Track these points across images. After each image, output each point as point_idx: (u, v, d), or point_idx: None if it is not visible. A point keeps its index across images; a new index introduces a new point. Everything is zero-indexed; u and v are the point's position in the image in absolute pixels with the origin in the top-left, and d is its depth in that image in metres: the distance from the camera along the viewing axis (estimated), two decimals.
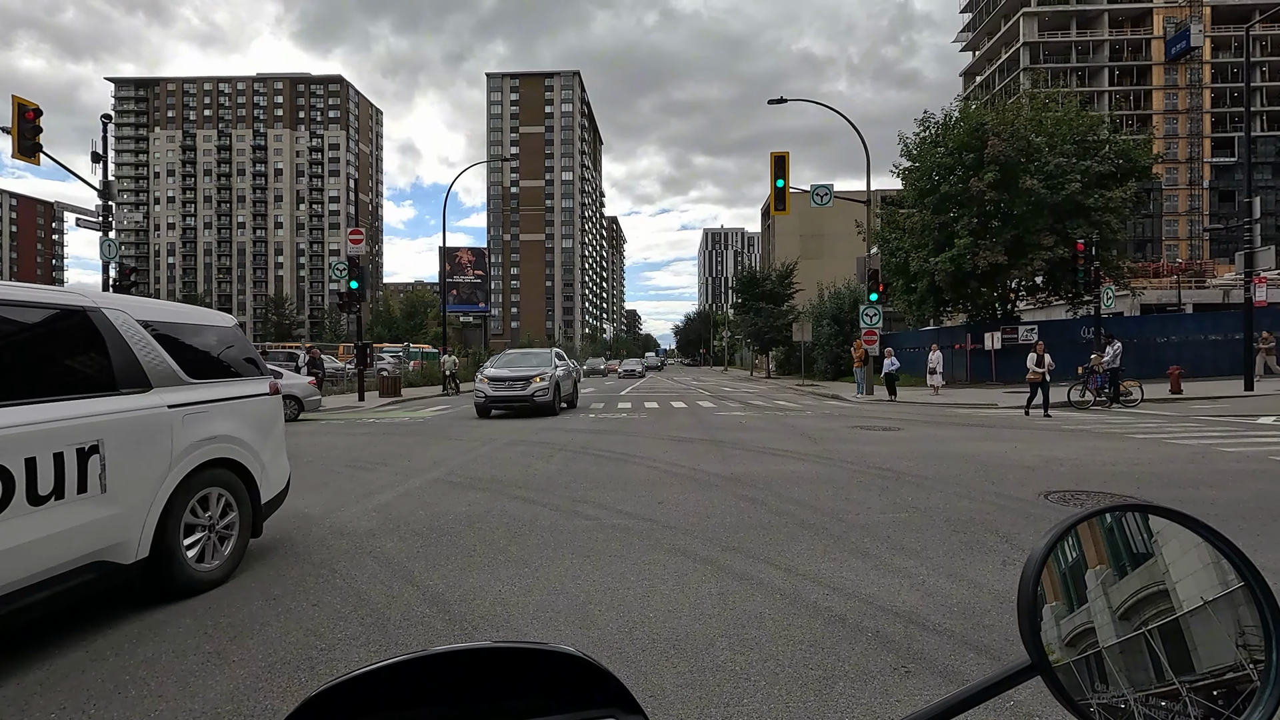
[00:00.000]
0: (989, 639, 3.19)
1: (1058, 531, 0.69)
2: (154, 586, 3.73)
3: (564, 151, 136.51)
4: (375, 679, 0.53)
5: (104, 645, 3.21)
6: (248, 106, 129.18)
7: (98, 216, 17.30)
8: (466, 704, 0.55)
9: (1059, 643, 0.65)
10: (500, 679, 0.57)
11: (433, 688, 0.55)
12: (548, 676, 0.58)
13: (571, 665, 0.58)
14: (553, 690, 0.57)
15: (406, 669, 0.54)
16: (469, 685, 0.56)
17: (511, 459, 9.06)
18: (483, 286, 62.22)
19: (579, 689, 0.57)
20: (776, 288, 45.62)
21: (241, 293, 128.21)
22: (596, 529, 5.32)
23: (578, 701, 0.56)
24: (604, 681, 0.58)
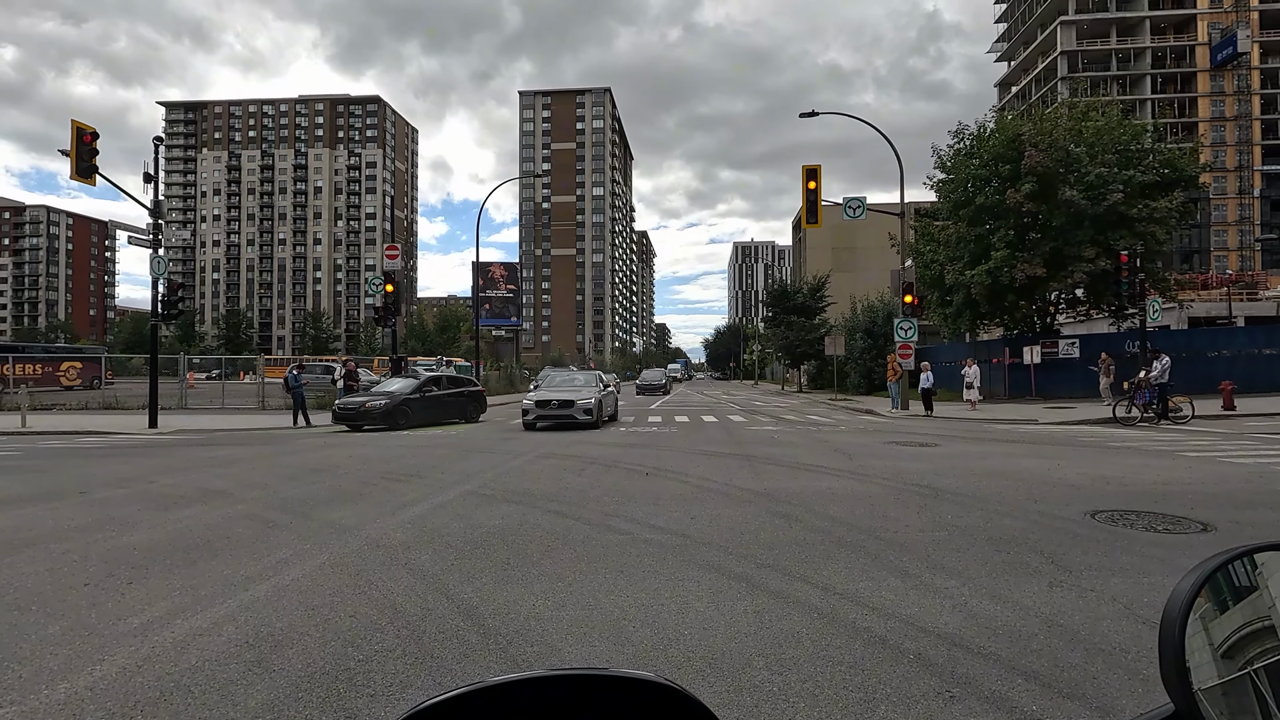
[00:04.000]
0: (1038, 665, 3.08)
1: (1207, 571, 0.63)
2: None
3: (595, 167, 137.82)
4: (467, 701, 0.54)
5: (151, 653, 3.28)
6: (290, 127, 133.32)
7: (148, 234, 17.95)
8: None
9: (1203, 686, 0.60)
10: (590, 706, 0.56)
11: (522, 713, 0.55)
12: (638, 705, 0.57)
13: (661, 694, 0.57)
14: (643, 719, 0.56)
15: (496, 694, 0.55)
16: (559, 712, 0.55)
17: (543, 473, 9.09)
18: (515, 301, 62.94)
19: (669, 718, 0.56)
20: (808, 301, 45.25)
21: (281, 307, 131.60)
22: (629, 544, 5.29)
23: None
24: (694, 712, 0.57)
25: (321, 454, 11.45)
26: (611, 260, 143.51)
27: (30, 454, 12.02)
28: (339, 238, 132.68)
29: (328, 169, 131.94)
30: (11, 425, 17.39)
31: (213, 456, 11.14)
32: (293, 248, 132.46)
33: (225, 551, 5.10)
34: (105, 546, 5.24)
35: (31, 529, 5.84)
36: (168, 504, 6.93)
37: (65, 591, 4.20)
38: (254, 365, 28.81)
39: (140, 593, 4.16)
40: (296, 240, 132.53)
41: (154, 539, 5.48)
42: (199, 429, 17.32)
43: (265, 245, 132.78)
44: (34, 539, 5.49)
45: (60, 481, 8.46)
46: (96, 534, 5.65)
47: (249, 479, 8.61)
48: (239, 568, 4.68)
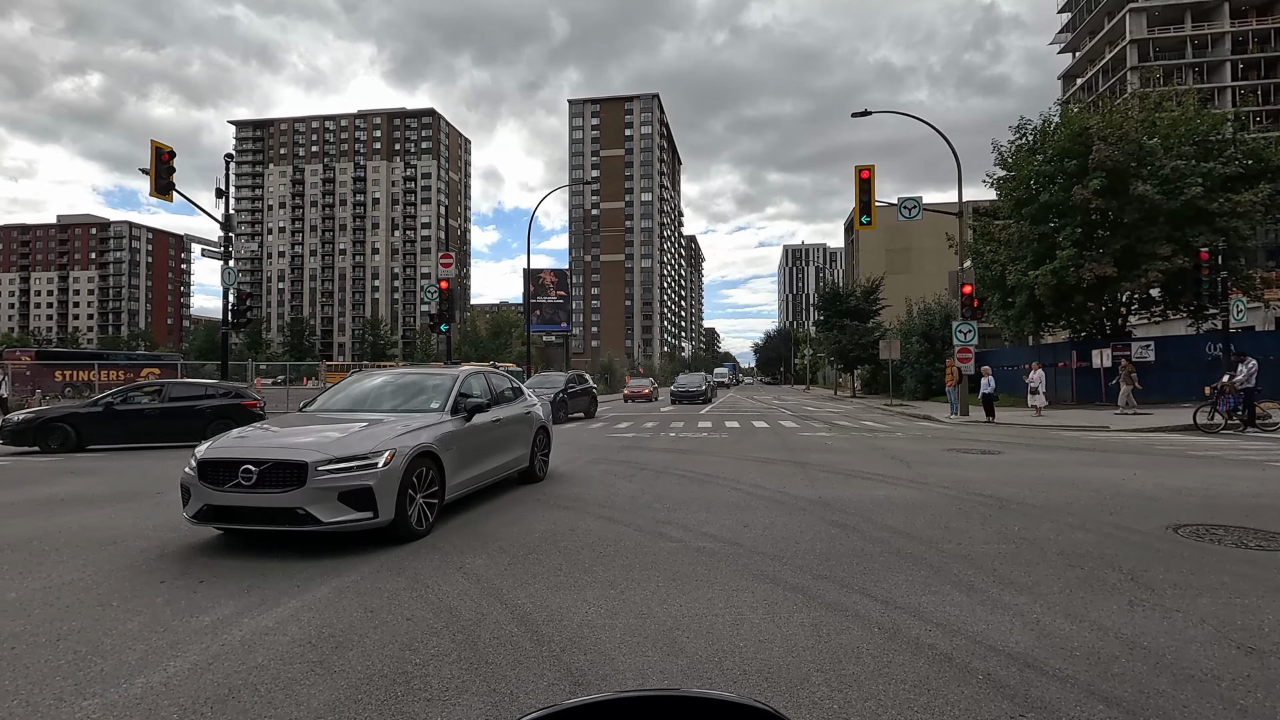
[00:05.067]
0: (1120, 690, 2.89)
1: None
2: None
3: (643, 173, 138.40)
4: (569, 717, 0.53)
5: (221, 650, 3.40)
6: (349, 141, 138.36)
7: (220, 247, 18.87)
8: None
9: None
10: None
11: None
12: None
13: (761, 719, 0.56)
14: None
15: (600, 710, 0.53)
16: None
17: (594, 478, 9.11)
18: (565, 307, 63.71)
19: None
20: (861, 304, 44.28)
21: (342, 315, 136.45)
22: (681, 551, 5.23)
23: None
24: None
25: None
26: (660, 265, 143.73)
27: (106, 455, 12.72)
28: (396, 247, 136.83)
29: (385, 180, 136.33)
30: None
31: None
32: (352, 257, 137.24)
33: (288, 551, 5.26)
34: (180, 547, 5.48)
35: (113, 528, 6.17)
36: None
37: (144, 588, 4.40)
38: (316, 371, 29.90)
39: (211, 591, 4.32)
40: (356, 250, 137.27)
41: (227, 540, 5.70)
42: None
43: (327, 255, 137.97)
44: (115, 537, 5.79)
45: (136, 483, 8.92)
46: (172, 534, 5.92)
47: None
48: (301, 569, 4.82)
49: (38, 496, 7.94)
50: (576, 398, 22.92)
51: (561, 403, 20.68)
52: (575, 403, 22.69)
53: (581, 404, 23.43)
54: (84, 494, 8.09)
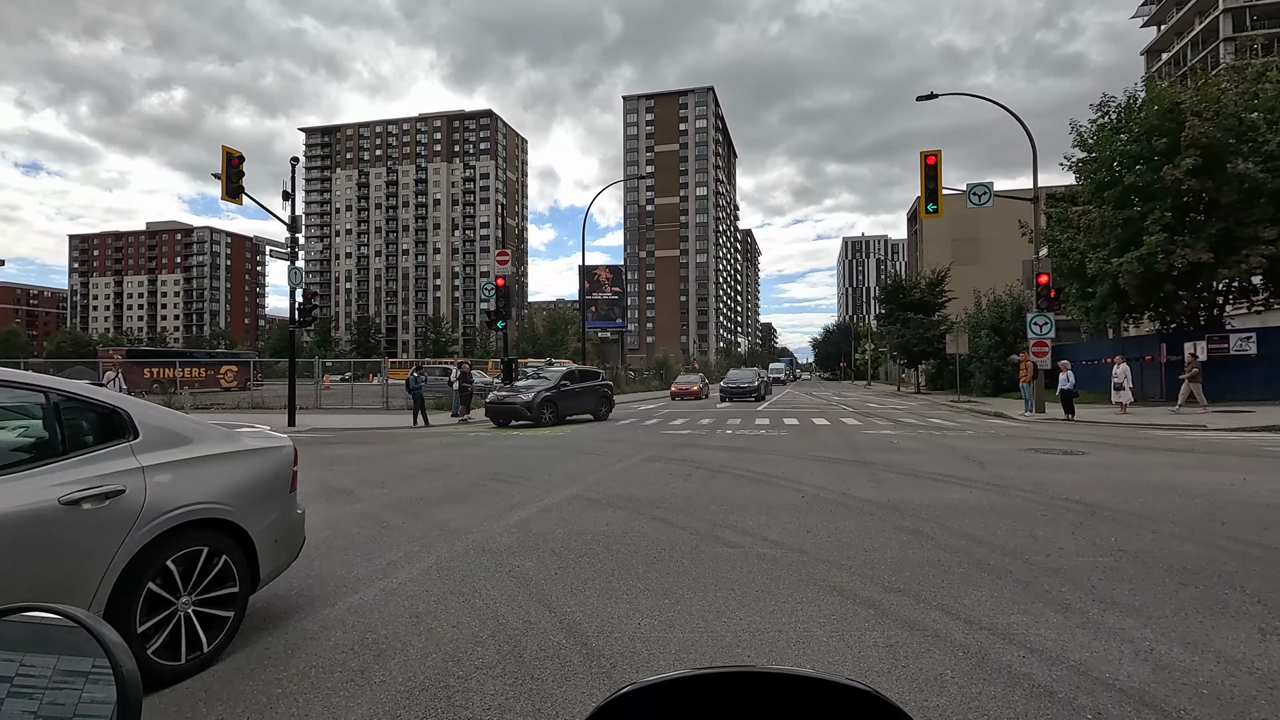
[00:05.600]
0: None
1: None
2: None
3: (698, 167, 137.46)
4: (678, 687, 0.54)
5: (264, 654, 3.31)
6: (411, 144, 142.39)
7: (287, 248, 19.49)
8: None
9: None
10: (797, 708, 0.55)
11: (726, 706, 0.54)
12: (845, 713, 0.54)
13: (873, 705, 0.54)
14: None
15: (706, 682, 0.54)
16: (766, 710, 0.54)
17: (648, 477, 8.87)
18: (620, 303, 63.76)
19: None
20: (926, 296, 42.62)
21: (405, 313, 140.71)
22: (740, 558, 4.93)
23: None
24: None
25: (437, 453, 11.85)
26: (715, 260, 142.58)
27: None
28: (456, 246, 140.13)
29: (445, 182, 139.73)
30: None
31: (339, 454, 11.81)
32: (415, 257, 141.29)
33: (339, 552, 5.22)
34: None
35: None
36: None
37: None
38: (379, 367, 30.73)
39: (261, 591, 4.28)
40: (418, 250, 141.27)
41: None
42: (330, 427, 18.57)
43: (391, 256, 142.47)
44: None
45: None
46: None
47: (369, 477, 8.98)
48: (350, 568, 4.75)
49: None
50: (576, 396, 19.86)
51: (548, 401, 18.44)
52: (574, 402, 19.77)
53: (586, 403, 20.37)
54: None
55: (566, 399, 19.33)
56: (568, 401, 19.36)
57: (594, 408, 20.55)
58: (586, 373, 21.67)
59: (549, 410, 18.41)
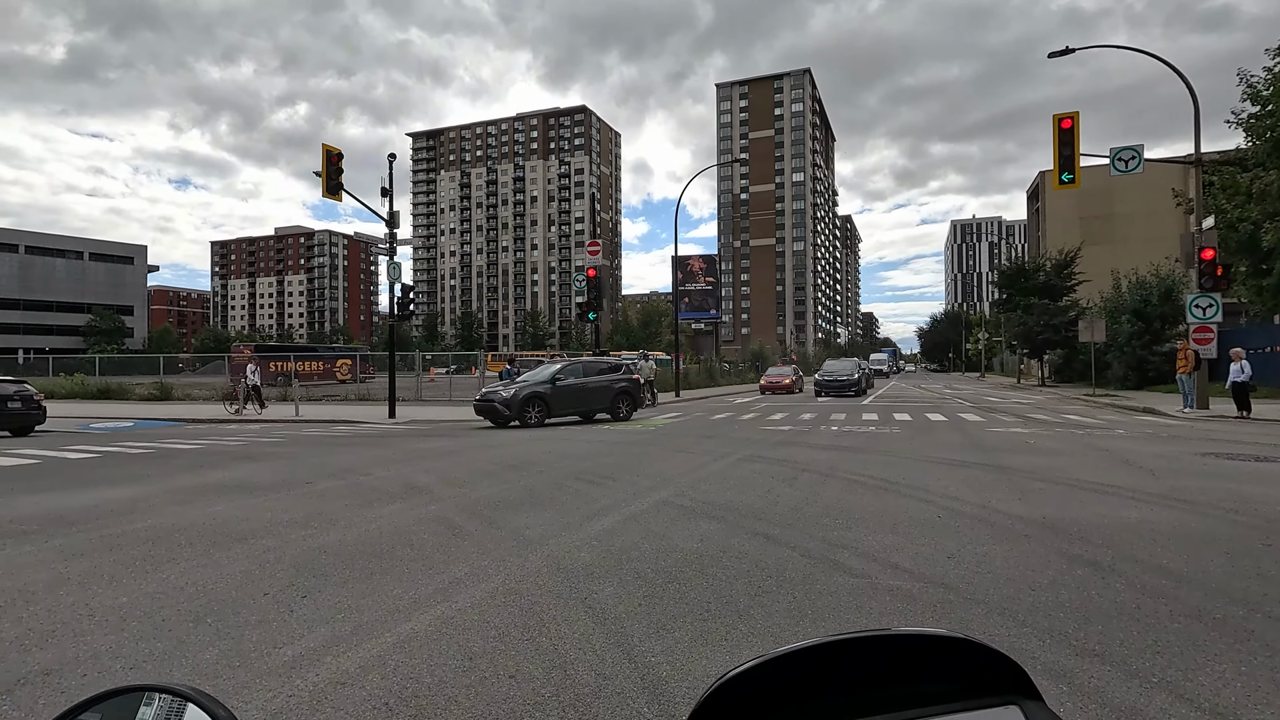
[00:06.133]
0: None
1: None
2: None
3: (794, 152, 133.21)
4: (775, 666, 0.54)
5: (285, 705, 2.73)
6: (510, 143, 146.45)
7: (386, 244, 19.89)
8: (865, 691, 0.54)
9: None
10: (898, 666, 0.56)
11: (828, 675, 0.55)
12: (946, 663, 0.56)
13: (971, 651, 0.56)
14: (953, 676, 0.55)
15: (800, 657, 0.55)
16: (866, 673, 0.55)
17: (748, 480, 7.96)
18: (714, 293, 62.47)
19: (980, 675, 0.55)
20: (1052, 279, 38.83)
21: (505, 308, 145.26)
22: (867, 592, 3.98)
23: (980, 688, 0.55)
24: (1006, 668, 0.56)
25: (522, 448, 11.44)
26: (813, 248, 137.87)
27: (292, 440, 13.58)
28: (552, 242, 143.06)
29: (542, 178, 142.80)
30: (289, 414, 20.31)
31: (428, 448, 11.62)
32: (514, 254, 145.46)
33: (405, 563, 4.69)
34: (300, 548, 5.13)
35: (250, 521, 6.04)
36: (371, 499, 6.95)
37: (244, 601, 3.96)
38: (477, 360, 31.31)
39: (307, 612, 3.77)
40: (517, 246, 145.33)
41: (345, 541, 5.30)
42: (427, 419, 18.79)
43: (491, 253, 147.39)
44: (247, 533, 5.60)
45: (297, 471, 9.12)
46: (300, 531, 5.64)
47: (451, 474, 8.60)
48: (411, 586, 4.19)
49: (209, 482, 8.28)
50: (577, 392, 17.16)
51: (533, 399, 16.14)
52: (575, 399, 17.15)
53: (595, 400, 17.46)
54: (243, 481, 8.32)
55: (563, 396, 16.83)
56: (565, 398, 16.88)
57: (607, 405, 17.62)
58: (599, 365, 18.69)
59: (534, 408, 16.21)
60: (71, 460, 10.33)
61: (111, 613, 3.80)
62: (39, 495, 7.40)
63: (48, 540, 5.41)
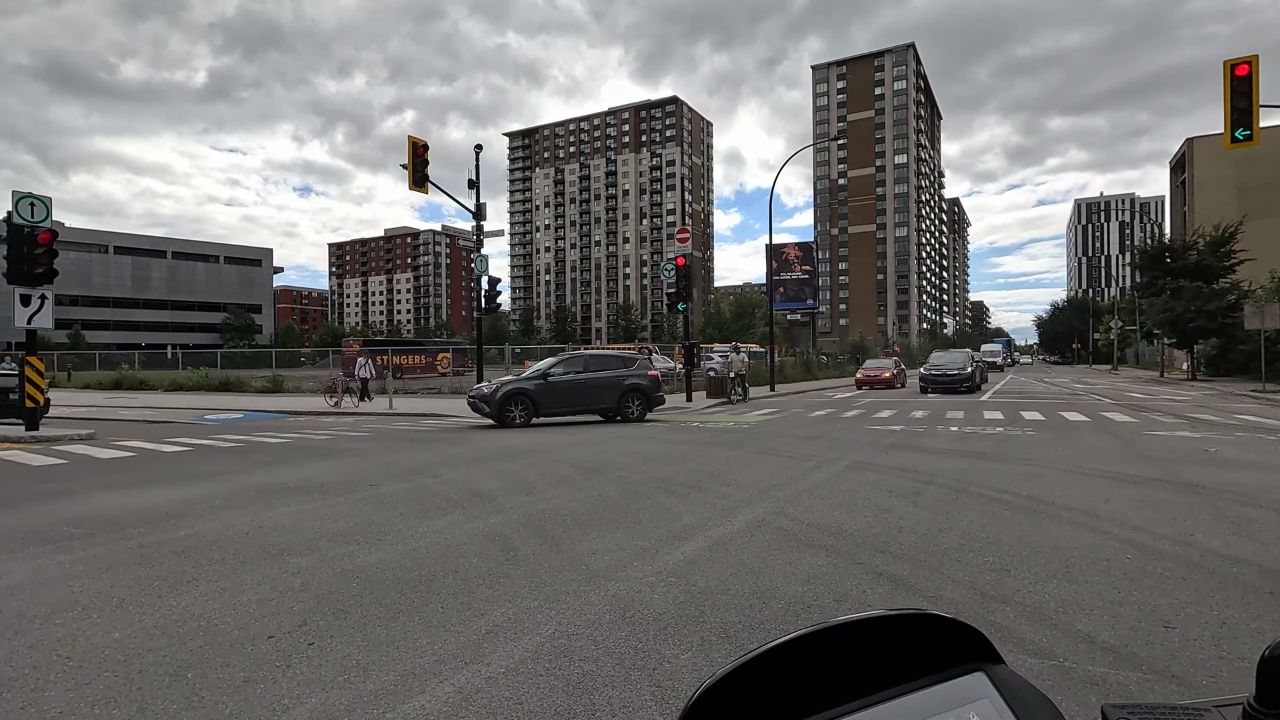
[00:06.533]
0: None
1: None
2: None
3: (896, 133, 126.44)
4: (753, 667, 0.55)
5: None
6: (601, 139, 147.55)
7: (474, 236, 19.73)
8: (839, 680, 0.55)
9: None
10: (867, 651, 0.57)
11: (804, 670, 0.56)
12: (912, 641, 0.57)
13: (934, 625, 0.57)
14: (920, 653, 0.56)
15: (775, 654, 0.55)
16: (838, 662, 0.56)
17: (861, 493, 6.72)
18: (810, 282, 59.80)
19: (945, 648, 0.57)
20: (1206, 259, 34.14)
21: (598, 302, 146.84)
22: (1059, 683, 2.76)
23: (946, 660, 0.56)
24: (968, 637, 0.57)
25: (602, 448, 10.62)
26: (917, 234, 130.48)
27: (376, 436, 13.44)
28: (644, 235, 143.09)
29: (633, 172, 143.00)
30: (383, 407, 20.60)
31: (505, 446, 11.03)
32: (606, 248, 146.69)
33: (441, 599, 3.89)
34: (333, 570, 4.45)
35: (295, 532, 5.47)
36: (430, 508, 6.28)
37: (242, 647, 3.26)
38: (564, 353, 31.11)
39: (306, 670, 3.01)
40: (609, 240, 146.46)
41: (385, 563, 4.58)
42: None
43: (585, 248, 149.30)
44: (286, 547, 5.01)
45: (366, 470, 8.69)
46: (342, 547, 4.99)
47: (522, 478, 7.86)
48: (439, 634, 3.36)
49: (268, 482, 7.95)
50: (576, 389, 15.44)
51: (515, 396, 14.79)
52: (571, 396, 15.40)
53: (597, 397, 15.64)
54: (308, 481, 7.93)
55: (554, 393, 15.19)
56: (558, 395, 15.24)
57: (614, 404, 15.70)
58: (606, 359, 16.75)
59: (517, 406, 14.75)
60: (165, 454, 10.47)
61: (92, 655, 3.19)
62: (110, 492, 7.26)
63: (85, 549, 5.04)
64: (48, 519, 6.02)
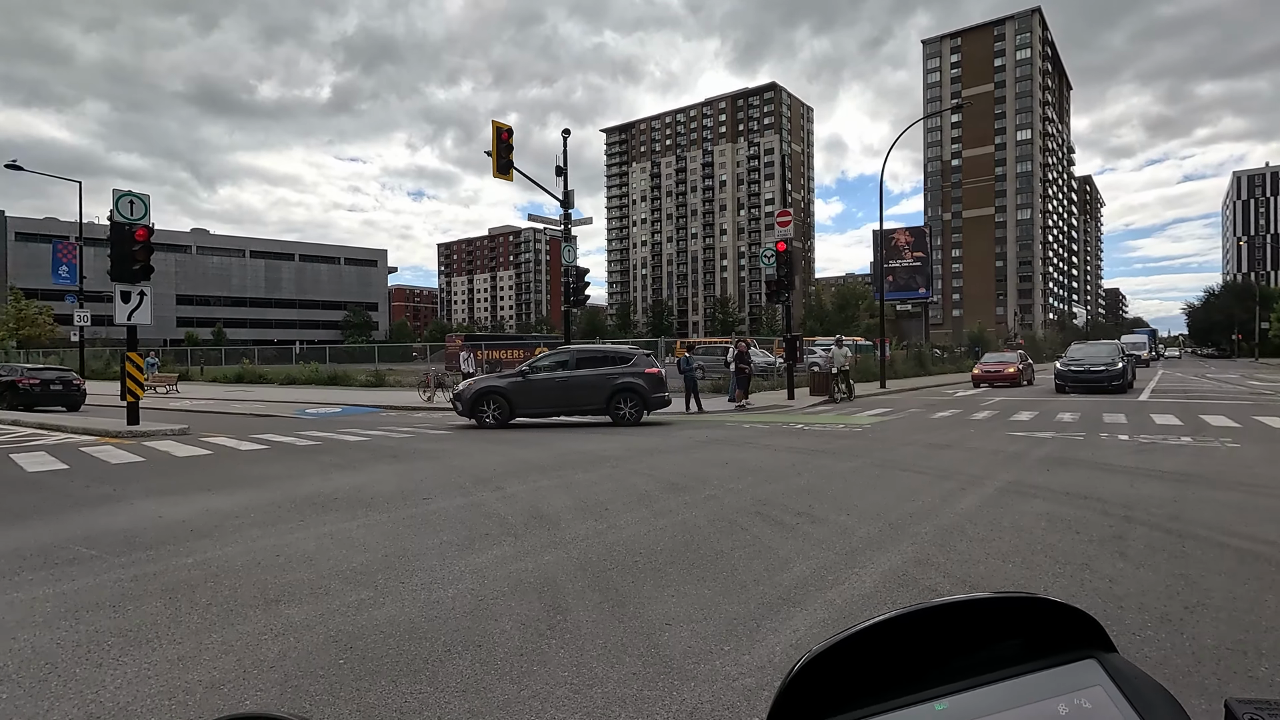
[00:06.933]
0: None
1: None
2: None
3: (1020, 106, 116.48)
4: (851, 644, 0.54)
5: None
6: (698, 130, 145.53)
7: (560, 224, 18.91)
8: (941, 660, 0.54)
9: None
10: (972, 632, 0.56)
11: (904, 648, 0.55)
12: (1019, 624, 0.56)
13: (1043, 609, 0.56)
14: (1026, 637, 0.55)
15: (875, 632, 0.55)
16: (941, 641, 0.55)
17: (1033, 532, 5.03)
18: (923, 270, 55.50)
19: (1055, 633, 0.55)
20: None
21: (695, 295, 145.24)
22: None
23: (1055, 645, 0.55)
24: (1081, 623, 0.56)
25: (696, 455, 9.30)
26: (1042, 215, 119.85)
27: (454, 436, 12.77)
28: (741, 226, 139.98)
29: (730, 162, 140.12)
30: None
31: (582, 451, 9.94)
32: (703, 240, 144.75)
33: (442, 697, 2.72)
34: (328, 631, 3.40)
35: (315, 563, 4.52)
36: (476, 536, 5.20)
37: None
38: (658, 347, 29.96)
39: None
40: (705, 233, 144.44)
41: (395, 622, 3.49)
42: None
43: (681, 241, 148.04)
44: (293, 588, 4.04)
45: (426, 479, 7.82)
46: (355, 592, 3.97)
47: (593, 495, 6.69)
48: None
49: (322, 491, 7.20)
50: (557, 388, 14.03)
51: (487, 395, 13.88)
52: (553, 395, 14.00)
53: (583, 397, 14.07)
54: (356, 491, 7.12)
55: (533, 392, 13.93)
56: (536, 395, 13.95)
57: (601, 405, 14.07)
58: (596, 356, 15.03)
59: (490, 406, 13.72)
60: (239, 453, 10.15)
61: None
62: (154, 500, 6.73)
63: (78, 578, 4.30)
64: (72, 533, 5.44)
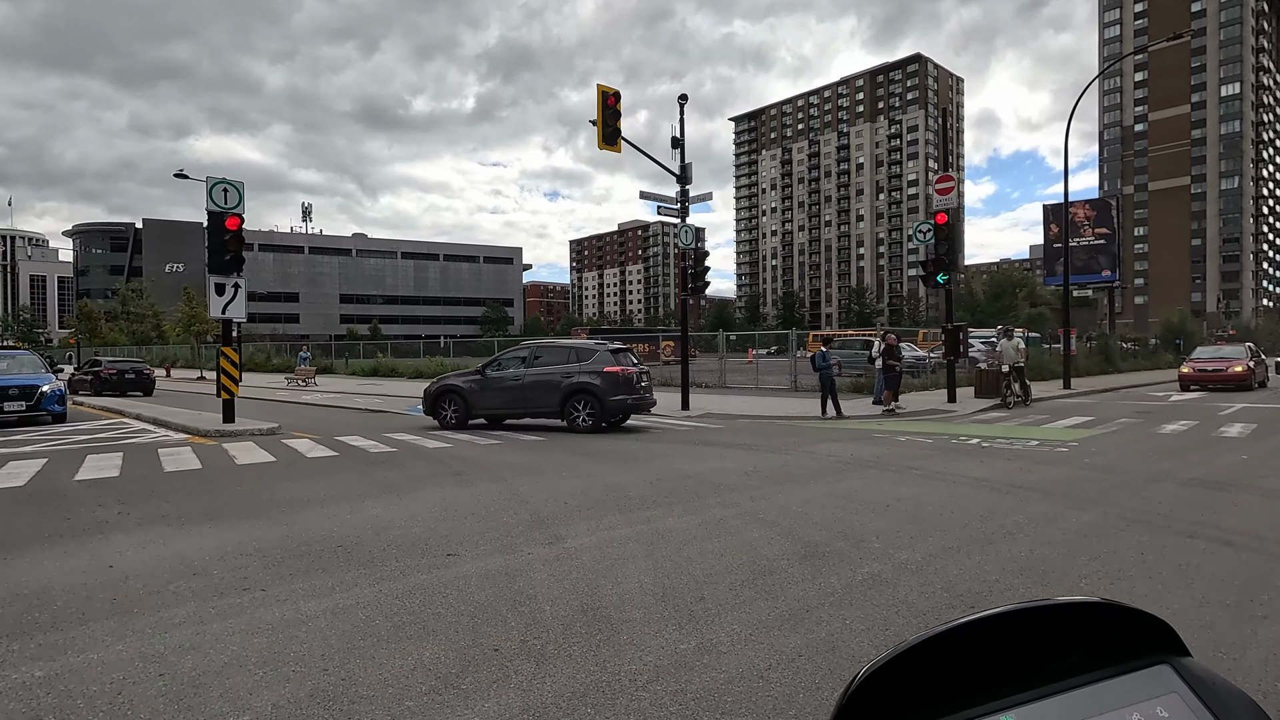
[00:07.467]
0: None
1: None
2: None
3: (1225, 56, 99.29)
4: (917, 653, 0.52)
5: None
6: (832, 111, 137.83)
7: (676, 202, 16.88)
8: (1010, 668, 0.52)
9: None
10: (1041, 639, 0.54)
11: (971, 657, 0.53)
12: (1090, 630, 0.54)
13: (1115, 614, 0.54)
14: (1099, 642, 0.54)
15: (941, 641, 0.53)
16: (1009, 649, 0.53)
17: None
18: (1107, 249, 47.55)
19: (1128, 639, 0.54)
20: None
21: (828, 285, 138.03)
22: None
23: (1129, 651, 0.53)
24: (1154, 628, 0.54)
25: (843, 487, 6.86)
26: (1253, 184, 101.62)
27: (541, 446, 11.11)
28: (880, 211, 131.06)
29: (868, 143, 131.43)
30: None
31: (691, 473, 7.78)
32: (837, 228, 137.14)
33: None
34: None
35: (179, 703, 2.76)
36: (483, 653, 3.23)
37: None
38: (789, 340, 27.15)
39: None
40: (840, 220, 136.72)
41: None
42: (723, 413, 15.28)
43: (814, 229, 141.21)
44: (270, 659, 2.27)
45: (475, 515, 6.03)
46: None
47: (689, 562, 4.51)
48: None
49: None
50: (512, 389, 12.63)
51: (446, 394, 12.89)
52: (510, 396, 12.63)
53: (541, 398, 12.44)
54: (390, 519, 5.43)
55: (489, 392, 12.67)
56: (493, 395, 12.66)
57: (555, 408, 12.27)
58: (554, 350, 13.27)
59: (449, 406, 12.74)
60: (299, 462, 9.02)
61: None
62: (150, 529, 5.42)
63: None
64: (19, 582, 4.12)
